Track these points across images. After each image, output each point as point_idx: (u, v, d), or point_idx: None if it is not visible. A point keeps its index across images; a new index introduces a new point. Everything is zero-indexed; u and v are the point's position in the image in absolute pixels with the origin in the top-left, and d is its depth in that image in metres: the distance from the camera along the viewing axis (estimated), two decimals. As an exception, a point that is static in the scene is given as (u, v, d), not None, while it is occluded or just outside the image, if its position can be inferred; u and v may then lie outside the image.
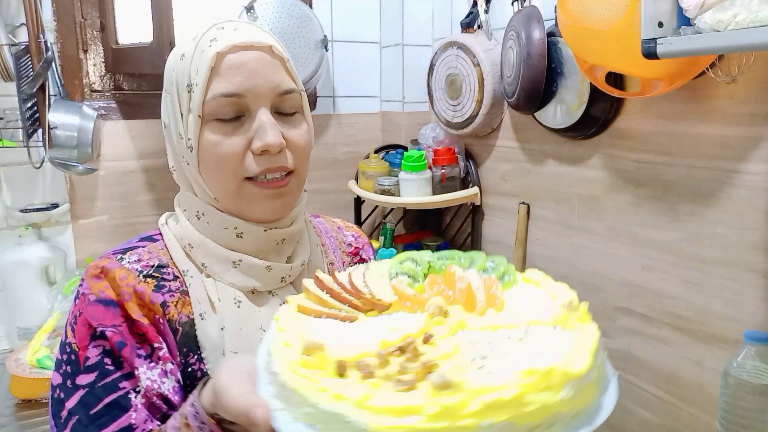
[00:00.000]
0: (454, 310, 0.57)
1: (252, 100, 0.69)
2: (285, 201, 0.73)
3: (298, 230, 0.79)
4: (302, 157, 0.74)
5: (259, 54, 0.69)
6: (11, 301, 1.56)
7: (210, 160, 0.70)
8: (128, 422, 0.65)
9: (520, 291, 0.64)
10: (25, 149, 1.45)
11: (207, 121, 0.69)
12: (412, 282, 0.64)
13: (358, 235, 0.95)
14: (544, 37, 1.43)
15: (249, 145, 0.69)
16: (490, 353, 0.49)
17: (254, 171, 0.69)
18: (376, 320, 0.59)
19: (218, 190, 0.72)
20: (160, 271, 0.72)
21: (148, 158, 1.77)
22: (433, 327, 0.54)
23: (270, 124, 0.68)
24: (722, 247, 1.19)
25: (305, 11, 1.85)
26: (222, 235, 0.73)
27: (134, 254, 0.73)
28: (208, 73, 0.67)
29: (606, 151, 1.43)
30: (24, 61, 1.42)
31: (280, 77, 0.71)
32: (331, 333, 0.56)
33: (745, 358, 1.02)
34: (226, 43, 0.68)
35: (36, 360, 1.33)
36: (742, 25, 0.76)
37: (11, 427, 1.24)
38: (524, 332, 0.53)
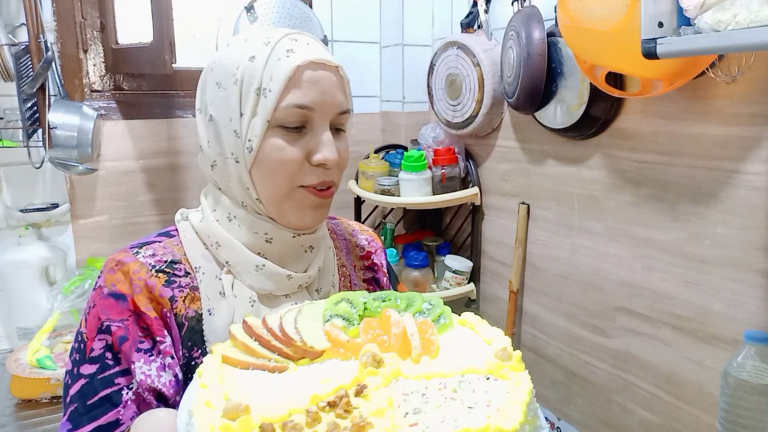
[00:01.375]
0: (389, 358, 0.56)
1: (318, 115, 0.73)
2: (324, 211, 0.78)
3: (322, 236, 0.82)
4: (342, 172, 0.79)
5: (330, 73, 0.74)
6: (11, 301, 1.55)
7: (269, 164, 0.72)
8: (116, 417, 0.68)
9: (455, 335, 0.64)
10: (25, 149, 1.45)
11: (272, 126, 0.71)
12: (347, 325, 0.63)
13: (371, 239, 0.96)
14: (544, 37, 1.43)
15: (307, 155, 0.73)
16: (423, 406, 0.49)
17: (310, 182, 0.73)
18: (308, 369, 0.57)
19: (267, 192, 0.74)
20: (172, 267, 0.75)
21: (148, 158, 1.77)
22: (366, 377, 0.53)
23: (330, 141, 0.73)
24: (722, 247, 1.19)
25: (305, 11, 1.85)
26: (251, 238, 0.75)
27: (150, 249, 0.76)
28: (286, 83, 0.70)
29: (606, 151, 1.43)
30: (24, 61, 1.42)
31: (342, 97, 0.75)
32: (257, 388, 0.54)
33: (745, 358, 1.02)
34: (305, 58, 0.71)
35: (36, 360, 1.33)
36: (742, 25, 0.76)
37: (11, 427, 1.24)
38: (458, 383, 0.53)
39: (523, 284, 1.74)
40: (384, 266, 0.95)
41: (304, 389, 0.52)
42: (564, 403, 1.63)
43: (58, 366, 1.33)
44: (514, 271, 1.72)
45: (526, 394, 0.50)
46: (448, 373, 0.54)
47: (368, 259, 0.93)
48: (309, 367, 0.58)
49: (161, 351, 0.71)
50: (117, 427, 0.68)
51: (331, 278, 0.85)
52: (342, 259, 0.90)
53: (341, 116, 0.75)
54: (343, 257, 0.90)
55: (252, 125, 0.71)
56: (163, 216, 1.81)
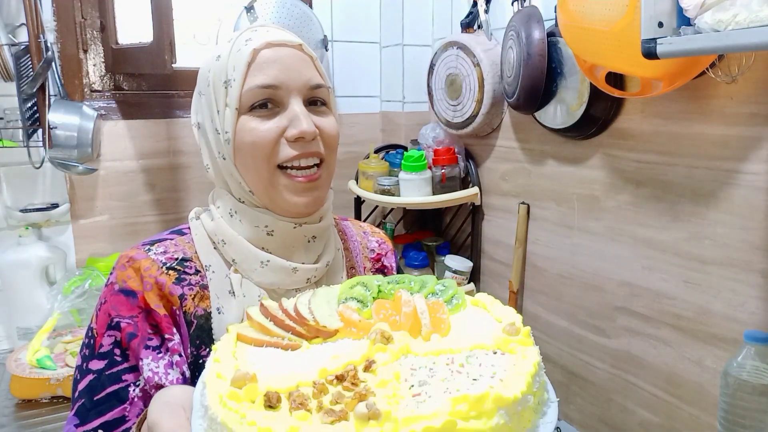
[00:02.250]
0: (399, 335, 0.57)
1: (286, 92, 0.72)
2: (316, 195, 0.76)
3: (327, 226, 0.81)
4: (332, 148, 0.77)
5: (291, 50, 0.74)
6: (11, 301, 1.55)
7: (245, 149, 0.72)
8: (122, 414, 0.69)
9: (467, 315, 0.64)
10: (25, 149, 1.45)
11: (243, 112, 0.72)
12: (361, 307, 0.64)
13: (382, 241, 0.95)
14: (544, 37, 1.43)
15: (283, 132, 0.72)
16: (429, 379, 0.50)
17: (288, 156, 0.72)
18: (320, 348, 0.58)
19: (253, 180, 0.74)
20: (183, 265, 0.75)
21: (148, 158, 1.77)
22: (375, 353, 0.54)
23: (304, 113, 0.72)
24: (722, 247, 1.19)
25: (305, 11, 1.85)
26: (253, 233, 0.75)
27: (161, 246, 0.76)
28: (246, 68, 0.71)
29: (606, 151, 1.43)
30: (24, 61, 1.42)
31: (311, 72, 0.75)
32: (269, 362, 0.55)
33: (745, 358, 1.02)
34: (261, 41, 0.72)
35: (36, 360, 1.33)
36: (742, 25, 0.76)
37: (11, 427, 1.24)
38: (466, 357, 0.53)
39: (523, 284, 1.74)
40: (394, 269, 0.94)
41: (314, 364, 0.53)
42: (564, 403, 1.63)
43: (58, 366, 1.33)
44: (514, 271, 1.72)
45: (531, 366, 0.50)
46: (457, 349, 0.55)
47: (378, 262, 0.92)
48: (321, 345, 0.58)
49: (169, 348, 0.71)
50: (123, 423, 0.69)
51: (340, 279, 0.84)
52: (352, 260, 0.89)
53: (315, 90, 0.75)
54: (353, 259, 0.89)
55: (225, 117, 0.73)
56: (163, 216, 1.81)
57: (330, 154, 0.77)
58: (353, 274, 0.88)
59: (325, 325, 0.60)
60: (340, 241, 0.89)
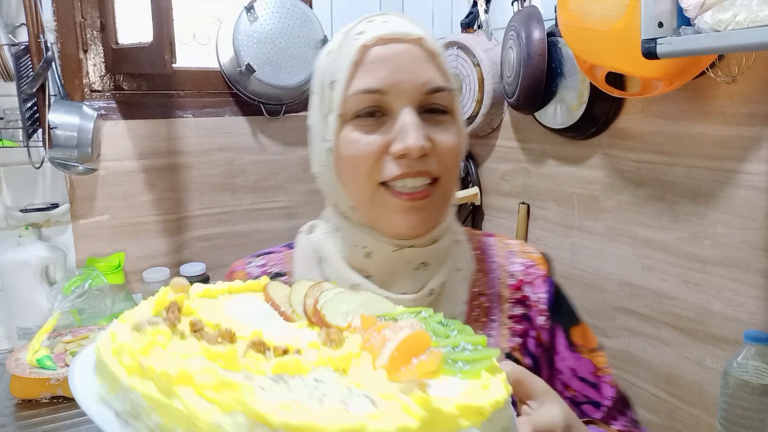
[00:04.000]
0: (358, 354, 0.46)
1: (395, 98, 0.62)
2: (425, 216, 0.64)
3: (443, 250, 0.69)
4: (449, 164, 0.64)
5: (407, 47, 0.62)
6: (11, 301, 1.55)
7: (346, 162, 0.64)
8: None
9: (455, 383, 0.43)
10: (25, 149, 1.45)
11: (347, 119, 0.63)
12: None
13: (531, 264, 0.75)
14: (544, 37, 1.43)
15: (388, 146, 0.62)
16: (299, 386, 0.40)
17: (391, 174, 0.61)
18: (304, 332, 0.52)
19: (354, 196, 0.66)
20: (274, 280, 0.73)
21: (148, 158, 1.77)
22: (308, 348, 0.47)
23: (413, 125, 0.60)
24: (722, 247, 1.19)
25: (305, 11, 1.85)
26: (352, 253, 0.68)
27: (263, 259, 0.75)
28: (352, 68, 0.62)
29: (606, 151, 1.43)
30: (24, 61, 1.42)
31: (429, 73, 0.63)
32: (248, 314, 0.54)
33: (745, 358, 1.02)
34: (372, 35, 0.62)
35: (36, 360, 1.33)
36: (742, 25, 0.76)
37: (11, 427, 1.24)
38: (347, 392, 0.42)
39: (523, 284, 1.74)
40: (543, 302, 0.73)
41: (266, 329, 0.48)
42: (564, 403, 1.63)
43: (57, 366, 1.33)
44: (514, 271, 1.72)
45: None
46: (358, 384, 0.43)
47: (518, 291, 0.73)
48: (311, 332, 0.52)
49: None
50: None
51: (453, 308, 0.69)
52: (483, 286, 0.73)
53: (433, 95, 0.63)
54: (485, 284, 0.73)
55: (328, 123, 0.64)
56: (163, 216, 1.81)
57: (447, 172, 0.64)
58: (480, 303, 0.72)
59: (325, 314, 0.55)
60: (470, 260, 0.73)
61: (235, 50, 1.75)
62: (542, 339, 0.73)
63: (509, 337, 0.71)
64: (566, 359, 0.73)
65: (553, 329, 0.73)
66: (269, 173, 1.96)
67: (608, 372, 0.75)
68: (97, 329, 1.51)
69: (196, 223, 1.87)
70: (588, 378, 0.73)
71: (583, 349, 0.74)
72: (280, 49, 1.80)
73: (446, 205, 0.67)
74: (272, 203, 1.99)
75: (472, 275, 0.73)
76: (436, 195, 0.64)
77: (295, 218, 2.04)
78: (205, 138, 1.84)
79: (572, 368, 0.73)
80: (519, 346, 0.72)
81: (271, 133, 1.94)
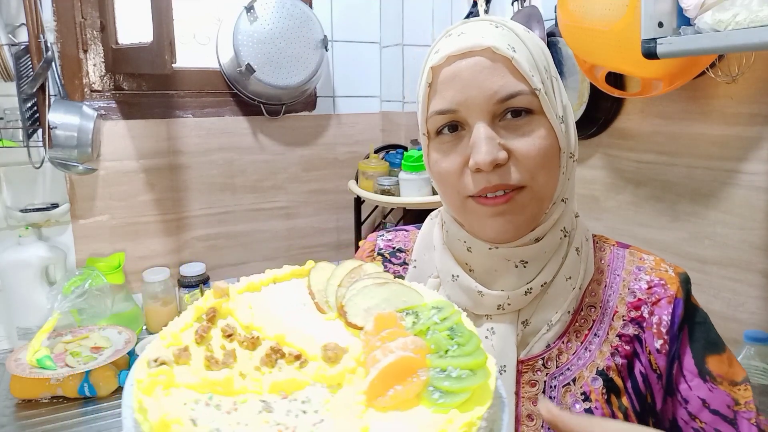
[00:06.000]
0: (355, 367, 0.46)
1: (467, 114, 0.63)
2: (509, 219, 0.64)
3: (545, 249, 0.68)
4: (534, 170, 0.63)
5: (475, 60, 0.63)
6: (11, 301, 1.56)
7: (435, 178, 0.69)
8: None
9: (425, 417, 0.42)
10: (25, 149, 1.45)
11: (432, 137, 0.67)
12: (408, 326, 0.51)
13: (659, 283, 0.69)
14: (544, 37, 1.43)
15: (467, 162, 0.64)
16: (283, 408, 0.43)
17: (472, 191, 0.64)
18: (331, 325, 0.54)
19: (448, 205, 0.71)
20: (395, 254, 0.80)
21: (148, 158, 1.77)
22: (312, 360, 0.48)
23: (484, 138, 0.61)
24: (722, 247, 1.19)
25: (305, 11, 1.85)
26: (457, 246, 0.72)
27: (393, 234, 0.82)
28: (426, 89, 0.65)
29: (606, 151, 1.43)
30: (24, 61, 1.42)
31: (500, 81, 0.62)
32: (284, 304, 0.56)
33: (745, 358, 1.02)
34: (442, 54, 0.63)
35: (36, 360, 1.33)
36: (742, 25, 0.76)
37: (11, 427, 1.24)
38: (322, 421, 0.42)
39: (523, 284, 1.74)
40: (664, 325, 0.67)
41: (295, 330, 0.51)
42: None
43: (57, 366, 1.33)
44: (514, 271, 1.72)
45: None
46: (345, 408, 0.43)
47: (637, 310, 0.68)
48: (338, 327, 0.53)
49: None
50: None
51: (550, 315, 0.67)
52: (596, 298, 0.69)
53: (508, 101, 0.62)
54: (599, 297, 0.70)
55: (421, 138, 0.70)
56: (163, 216, 1.81)
57: (533, 176, 0.63)
58: (584, 315, 0.69)
59: (347, 312, 0.55)
60: (587, 271, 0.70)
61: (235, 50, 1.75)
62: (657, 364, 0.67)
63: (609, 355, 0.68)
64: (696, 388, 0.67)
65: (679, 355, 0.67)
66: (269, 173, 1.96)
67: (751, 408, 0.67)
68: (97, 329, 1.51)
69: (196, 223, 1.87)
70: (722, 411, 0.66)
71: (721, 380, 0.67)
72: (280, 49, 1.80)
73: (542, 204, 0.66)
74: (272, 203, 1.99)
75: (587, 285, 0.70)
76: (522, 199, 0.64)
77: (294, 218, 2.04)
78: (205, 138, 1.84)
79: (703, 399, 0.66)
80: (620, 366, 0.67)
81: (271, 133, 1.94)
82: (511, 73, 0.62)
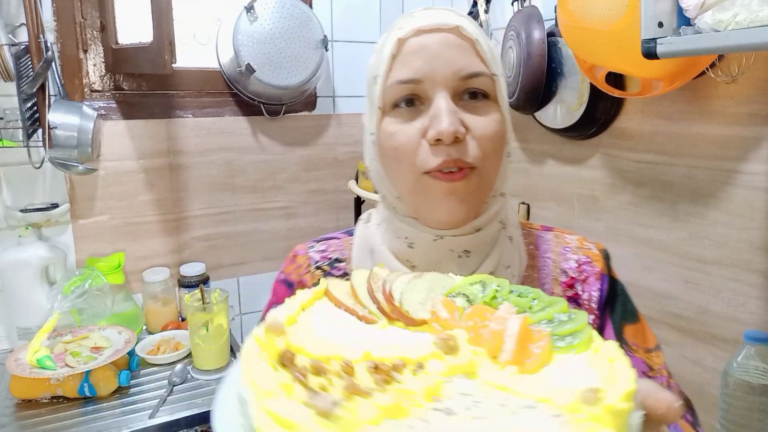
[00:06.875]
0: (475, 352, 0.46)
1: (430, 86, 0.62)
2: (461, 198, 0.63)
3: (487, 239, 0.67)
4: (488, 152, 0.63)
5: (443, 36, 0.63)
6: (11, 301, 1.55)
7: (388, 152, 0.65)
8: None
9: (576, 360, 0.48)
10: (25, 149, 1.45)
11: (387, 111, 0.65)
12: (467, 307, 0.54)
13: (586, 261, 0.72)
14: (544, 37, 1.43)
15: (425, 134, 0.62)
16: (462, 411, 0.40)
17: (430, 165, 0.62)
18: (393, 332, 0.51)
19: (399, 185, 0.66)
20: (332, 265, 0.74)
21: (148, 158, 1.77)
22: (429, 359, 0.46)
23: (446, 110, 0.61)
24: (722, 247, 1.19)
25: (305, 11, 1.85)
26: (396, 245, 0.69)
27: (324, 244, 0.76)
28: (390, 61, 0.63)
29: (606, 151, 1.43)
30: (24, 61, 1.42)
31: (466, 59, 0.63)
32: (329, 325, 0.50)
33: (745, 358, 1.02)
34: (410, 27, 0.63)
35: (36, 360, 1.33)
36: (742, 25, 0.76)
37: (11, 427, 1.24)
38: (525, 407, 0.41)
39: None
40: (594, 300, 0.70)
41: (367, 344, 0.46)
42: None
43: (57, 366, 1.33)
44: (514, 271, 1.72)
45: None
46: (521, 393, 0.43)
47: (571, 289, 0.71)
48: (397, 330, 0.51)
49: None
50: None
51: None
52: (533, 283, 0.71)
53: (470, 80, 0.62)
54: (535, 282, 0.71)
55: (372, 116, 0.67)
56: (163, 216, 1.81)
57: (486, 159, 0.63)
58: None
59: (407, 310, 0.53)
60: (522, 257, 0.72)
61: (235, 50, 1.75)
62: None
63: None
64: None
65: (602, 326, 0.70)
66: (269, 173, 1.96)
67: (664, 373, 0.71)
68: (97, 329, 1.51)
69: (196, 223, 1.87)
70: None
71: (636, 348, 0.70)
72: (280, 49, 1.80)
73: (487, 192, 0.67)
74: (272, 203, 1.99)
75: (524, 272, 0.71)
76: (474, 180, 0.63)
77: (294, 218, 2.04)
78: (205, 138, 1.84)
79: None
80: None
81: (271, 133, 1.94)
82: (475, 55, 0.63)
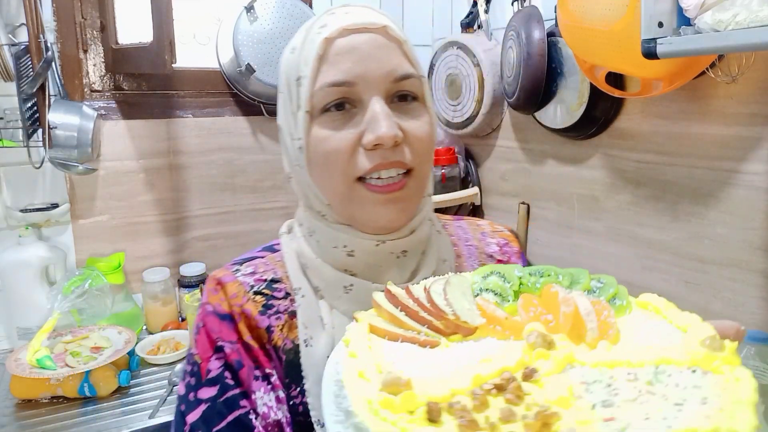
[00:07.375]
0: (559, 340, 0.47)
1: (363, 88, 0.60)
2: (402, 207, 0.63)
3: (421, 238, 0.68)
4: (423, 154, 0.63)
5: (372, 36, 0.61)
6: (11, 301, 1.55)
7: (319, 160, 0.62)
8: None
9: (636, 319, 0.53)
10: (25, 149, 1.45)
11: (316, 116, 0.62)
12: (500, 301, 0.54)
13: (504, 243, 0.77)
14: (544, 37, 1.43)
15: (360, 139, 0.60)
16: (613, 398, 0.40)
17: (366, 168, 0.60)
18: (461, 347, 0.49)
19: (329, 194, 0.64)
20: (272, 287, 0.67)
21: (148, 158, 1.77)
22: (535, 360, 0.45)
23: (384, 114, 0.59)
24: (722, 247, 1.19)
25: (305, 11, 1.85)
26: (332, 255, 0.66)
27: (250, 266, 0.69)
28: (316, 62, 0.60)
29: (606, 151, 1.43)
30: (24, 61, 1.42)
31: (396, 60, 0.62)
32: (410, 362, 0.47)
33: (745, 358, 1.02)
34: (335, 27, 0.61)
35: (36, 360, 1.33)
36: (742, 25, 0.76)
37: (11, 427, 1.24)
38: (653, 374, 0.43)
39: (523, 284, 1.74)
40: None
41: (462, 368, 0.45)
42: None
43: (57, 366, 1.33)
44: (514, 271, 1.72)
45: (752, 393, 0.39)
46: (638, 363, 0.44)
47: None
48: (462, 344, 0.50)
49: (272, 383, 0.63)
50: None
51: None
52: (465, 270, 0.73)
53: (402, 83, 0.62)
54: (465, 269, 0.73)
55: (298, 121, 0.63)
56: (163, 216, 1.81)
57: (420, 162, 0.63)
58: None
59: (465, 320, 0.51)
60: (451, 249, 0.74)
61: (235, 50, 1.75)
62: None
63: None
64: None
65: None
66: (269, 173, 1.96)
67: None
68: (97, 329, 1.51)
69: (196, 223, 1.87)
70: None
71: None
72: (280, 49, 1.80)
73: (422, 194, 0.67)
74: (272, 203, 1.99)
75: (449, 263, 0.72)
76: (411, 186, 0.63)
77: (295, 218, 2.04)
78: (205, 138, 1.84)
79: None
80: None
81: (271, 133, 1.94)
82: (403, 56, 0.63)
